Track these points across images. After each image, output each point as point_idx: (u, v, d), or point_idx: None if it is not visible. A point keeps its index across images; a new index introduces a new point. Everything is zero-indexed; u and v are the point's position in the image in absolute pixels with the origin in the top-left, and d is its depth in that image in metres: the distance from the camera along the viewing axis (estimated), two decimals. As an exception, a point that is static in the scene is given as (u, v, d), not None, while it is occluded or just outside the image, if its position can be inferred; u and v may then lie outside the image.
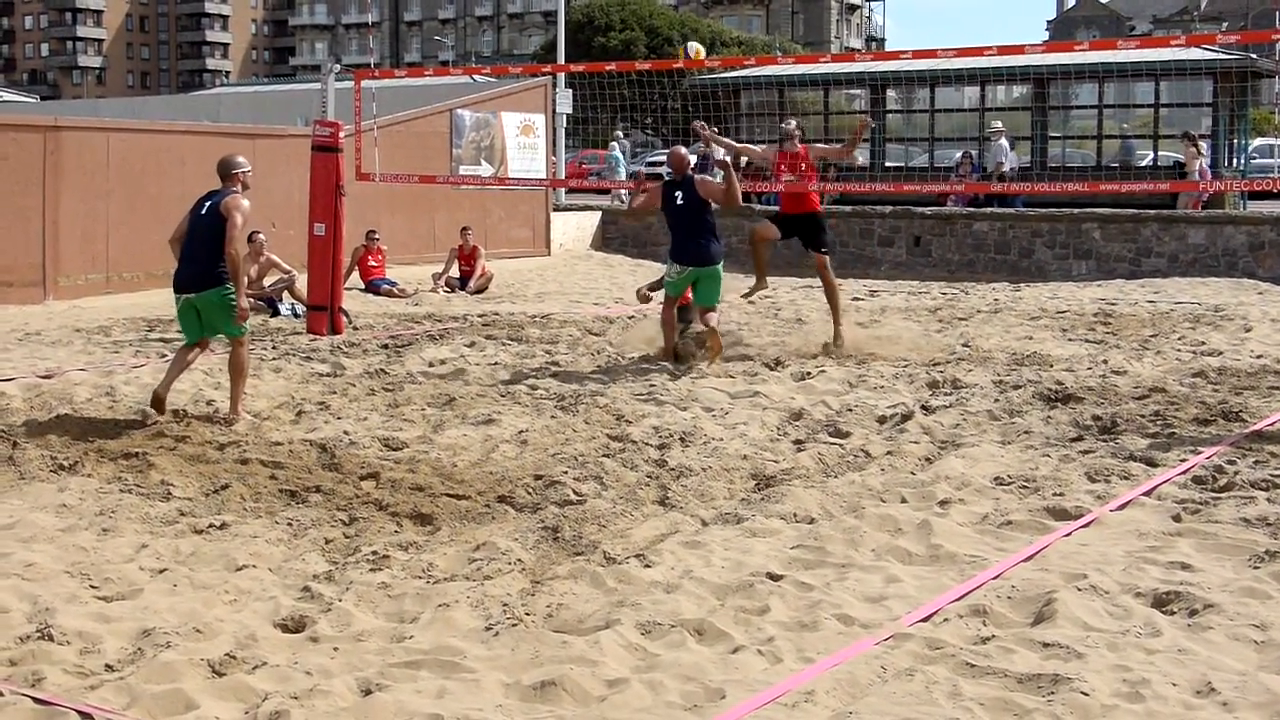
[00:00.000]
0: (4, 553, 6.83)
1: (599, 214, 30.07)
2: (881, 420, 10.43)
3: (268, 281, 18.29)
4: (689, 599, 6.10)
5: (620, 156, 35.48)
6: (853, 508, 7.80)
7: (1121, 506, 7.76)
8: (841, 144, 15.29)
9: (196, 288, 10.42)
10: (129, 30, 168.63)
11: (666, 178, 14.02)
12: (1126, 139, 32.71)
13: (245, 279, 17.73)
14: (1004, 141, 29.77)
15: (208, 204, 10.49)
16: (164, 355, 13.35)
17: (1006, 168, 29.31)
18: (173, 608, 6.07)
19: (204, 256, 10.41)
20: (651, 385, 11.85)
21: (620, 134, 36.25)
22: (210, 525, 7.44)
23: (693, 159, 14.20)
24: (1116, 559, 6.67)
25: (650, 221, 25.55)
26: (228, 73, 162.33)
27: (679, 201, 13.23)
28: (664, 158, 35.66)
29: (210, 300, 10.47)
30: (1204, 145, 28.38)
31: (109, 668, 5.37)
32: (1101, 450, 9.20)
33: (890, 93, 33.66)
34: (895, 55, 22.09)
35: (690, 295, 13.44)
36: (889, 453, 9.22)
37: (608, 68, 20.88)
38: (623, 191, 31.51)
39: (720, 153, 14.80)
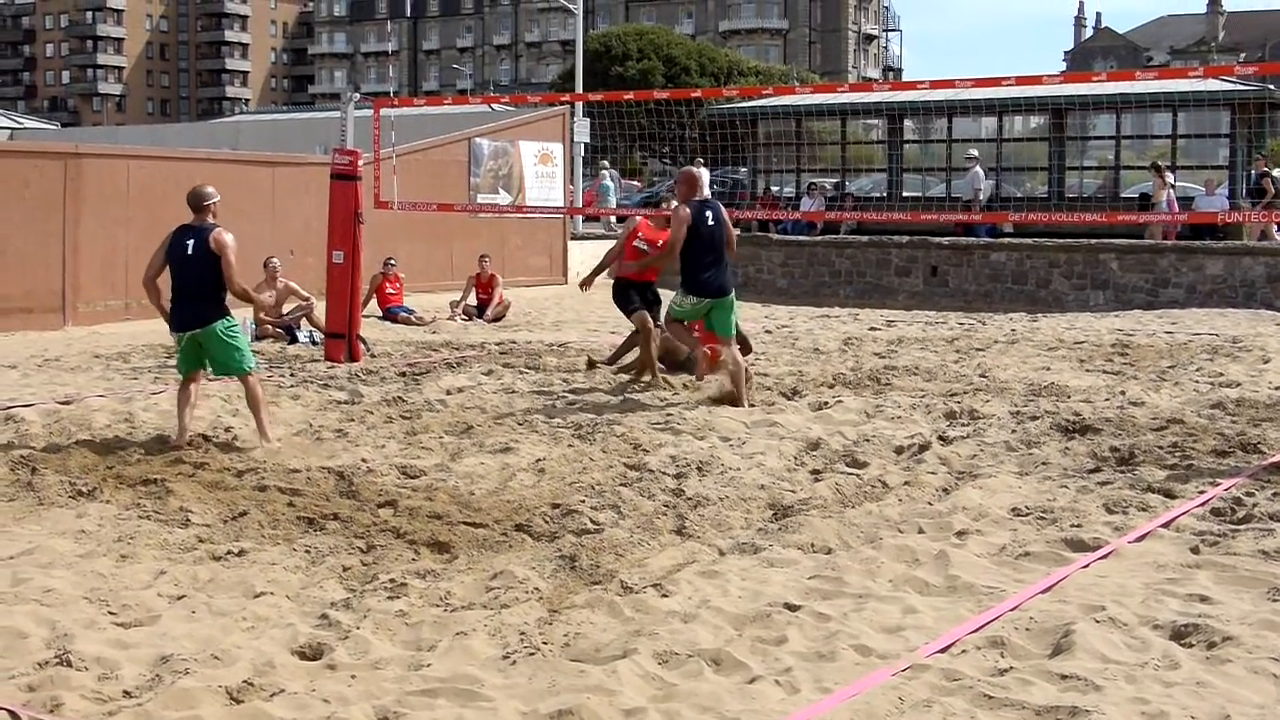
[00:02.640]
0: (23, 578, 6.85)
1: (613, 243, 30.10)
2: (899, 451, 10.42)
3: (286, 309, 18.36)
4: (706, 629, 6.10)
5: (611, 185, 35.55)
6: (870, 538, 7.79)
7: (1140, 538, 7.74)
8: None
9: (200, 324, 10.52)
10: (149, 58, 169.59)
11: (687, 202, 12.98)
12: (1117, 169, 32.63)
13: (263, 304, 17.99)
14: (979, 169, 29.84)
15: (190, 242, 10.51)
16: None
17: (983, 195, 29.40)
18: (191, 634, 6.07)
19: (202, 294, 10.53)
20: (668, 415, 11.85)
21: (607, 163, 36.29)
22: (228, 552, 7.45)
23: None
24: (1135, 591, 6.66)
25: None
26: (247, 100, 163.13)
27: (710, 221, 12.55)
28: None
29: (214, 334, 10.59)
30: (1171, 176, 28.26)
31: (127, 694, 5.38)
32: (1119, 482, 9.19)
33: (907, 122, 33.68)
34: (913, 85, 22.20)
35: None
36: (906, 483, 9.22)
37: (626, 96, 20.97)
38: (612, 218, 31.58)
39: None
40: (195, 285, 10.49)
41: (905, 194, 32.09)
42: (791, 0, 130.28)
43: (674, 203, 13.49)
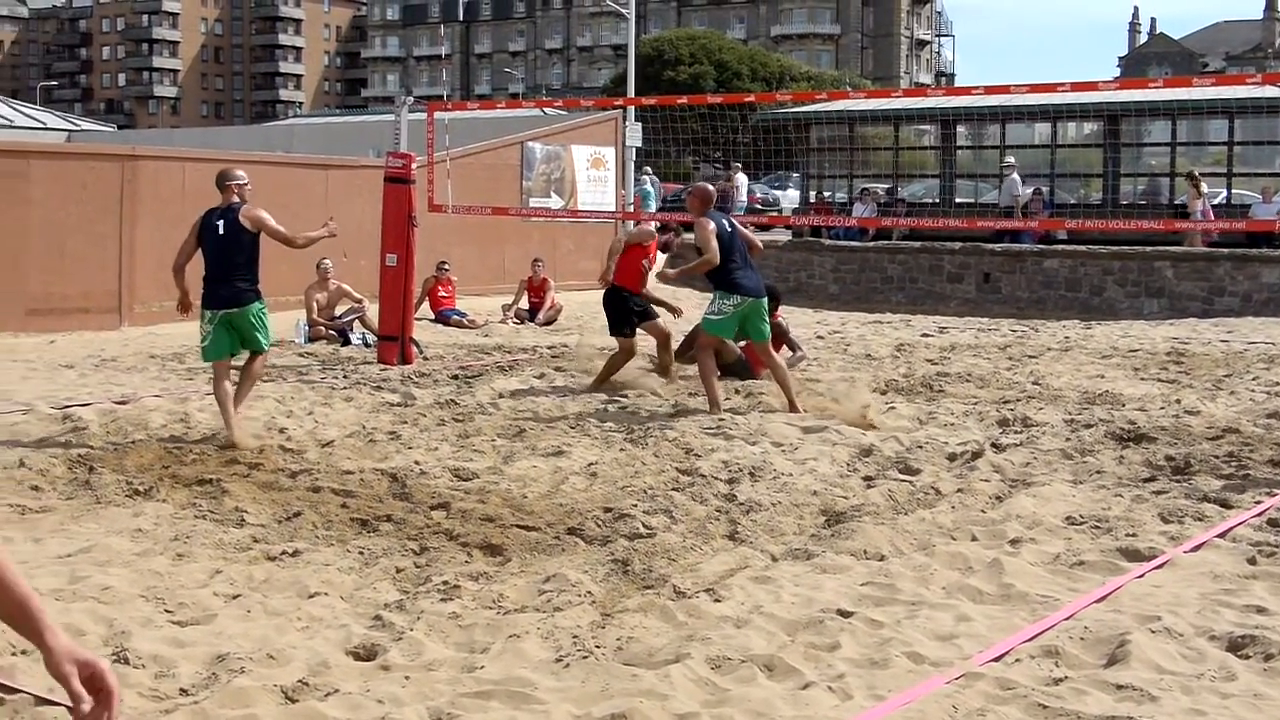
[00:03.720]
0: (81, 576, 6.91)
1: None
2: (952, 458, 10.38)
3: (339, 310, 18.46)
4: (759, 634, 6.09)
5: (652, 190, 35.56)
6: (923, 545, 7.77)
7: (1195, 548, 7.68)
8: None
9: (237, 304, 10.83)
10: (204, 61, 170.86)
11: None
12: (1172, 176, 32.42)
13: (314, 305, 18.12)
14: (1016, 176, 29.72)
15: (219, 222, 10.79)
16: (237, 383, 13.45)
17: (1022, 202, 29.30)
18: (246, 633, 6.11)
19: (238, 274, 10.86)
20: (721, 419, 11.84)
21: (649, 169, 36.30)
22: (283, 552, 7.49)
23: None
24: (1190, 601, 6.61)
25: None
26: (300, 103, 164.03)
27: (729, 227, 12.74)
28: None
29: (249, 314, 10.93)
30: (1205, 185, 28.00)
31: (183, 692, 5.42)
32: (1175, 491, 9.12)
33: (960, 128, 33.55)
34: (967, 91, 22.09)
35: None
36: (959, 490, 9.18)
37: (680, 101, 21.01)
38: (653, 224, 31.56)
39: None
40: (228, 265, 10.80)
41: (958, 200, 31.96)
42: (844, 5, 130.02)
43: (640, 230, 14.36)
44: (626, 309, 14.08)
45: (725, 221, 12.88)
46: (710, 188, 13.37)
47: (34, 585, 6.51)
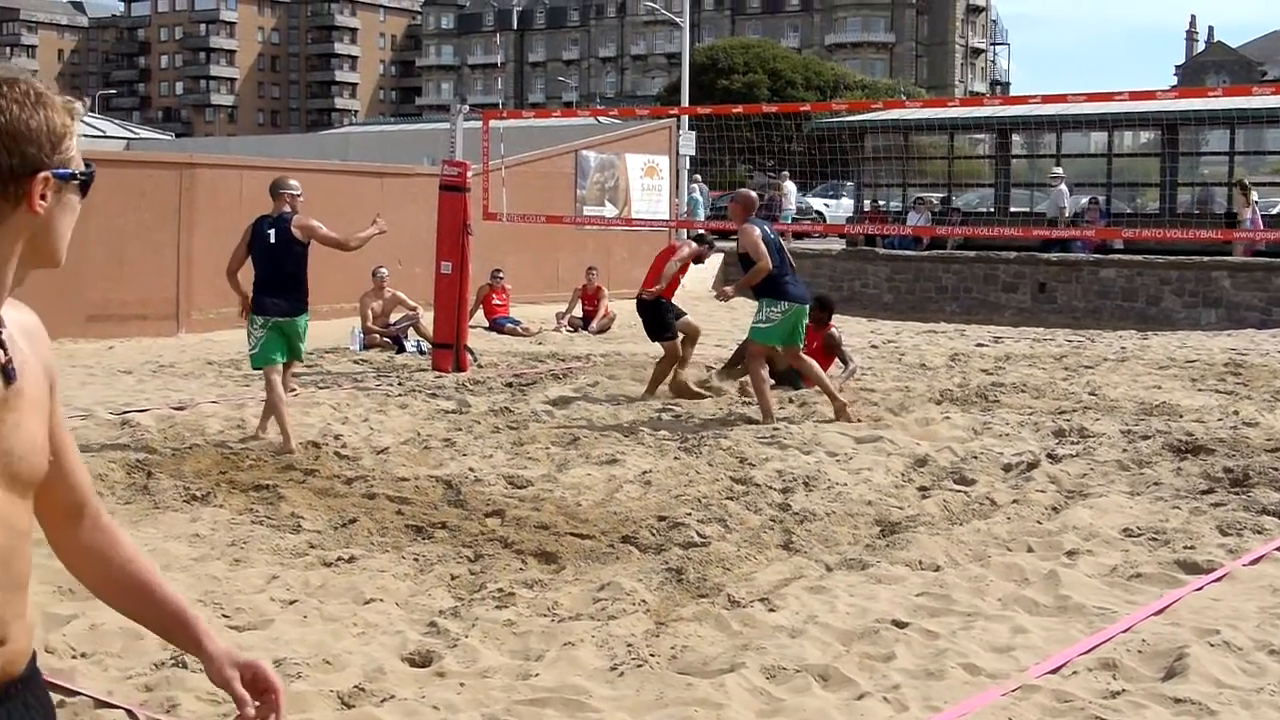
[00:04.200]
0: (139, 581, 6.95)
1: (720, 257, 30.09)
2: (1007, 468, 10.33)
3: (393, 318, 18.54)
4: (814, 644, 6.08)
5: (700, 199, 35.55)
6: (978, 556, 7.73)
7: (1254, 561, 7.62)
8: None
9: (292, 313, 11.04)
10: (260, 70, 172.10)
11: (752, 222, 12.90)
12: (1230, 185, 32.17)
13: (369, 312, 18.21)
14: (1063, 187, 29.55)
15: (270, 231, 10.94)
16: (294, 390, 13.55)
17: (1068, 213, 29.12)
18: (302, 638, 6.15)
19: (289, 282, 11.04)
20: (775, 428, 11.83)
21: (698, 177, 36.25)
22: (339, 558, 7.54)
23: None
24: (1249, 615, 6.55)
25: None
26: (355, 112, 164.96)
27: (771, 234, 12.83)
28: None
29: (301, 324, 11.16)
30: (1255, 194, 27.75)
31: (243, 696, 5.44)
32: (1233, 503, 9.04)
33: (1015, 137, 33.40)
34: (1024, 100, 22.01)
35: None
36: (1015, 501, 9.13)
37: (735, 110, 21.03)
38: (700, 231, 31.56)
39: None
40: (280, 273, 10.98)
41: (1012, 209, 31.81)
42: (898, 14, 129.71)
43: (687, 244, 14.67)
44: (664, 313, 14.15)
45: (767, 227, 12.93)
46: (753, 194, 13.36)
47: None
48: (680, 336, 14.30)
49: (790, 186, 35.88)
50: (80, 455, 2.45)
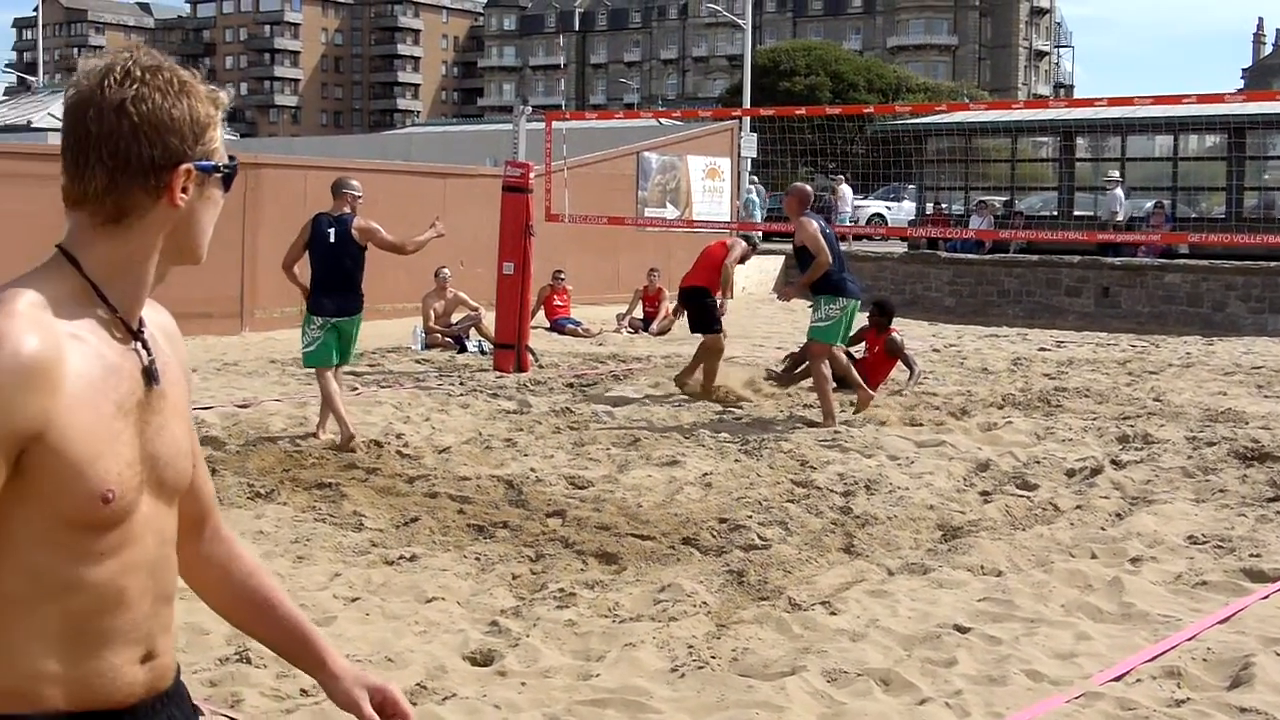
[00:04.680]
0: (204, 577, 7.01)
1: (782, 258, 30.05)
2: (1070, 474, 10.26)
3: (455, 318, 18.62)
4: (875, 648, 6.06)
5: (756, 200, 35.44)
6: (1041, 562, 7.69)
7: (1322, 570, 7.54)
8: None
9: (350, 313, 11.10)
10: (324, 71, 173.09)
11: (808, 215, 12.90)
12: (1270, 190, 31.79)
13: (431, 312, 18.30)
14: (1119, 191, 29.29)
15: (331, 230, 10.99)
16: (355, 389, 13.63)
17: (1120, 217, 28.83)
18: (364, 636, 6.19)
19: (349, 283, 11.13)
20: (836, 432, 11.80)
21: (755, 178, 36.12)
22: (400, 557, 7.57)
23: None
24: (1317, 624, 6.48)
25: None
26: (417, 113, 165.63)
27: (827, 229, 12.79)
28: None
29: (356, 325, 11.24)
30: None
31: (304, 692, 5.49)
32: (1301, 511, 8.94)
33: (1080, 140, 33.15)
34: (1089, 103, 21.81)
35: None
36: (1078, 507, 9.07)
37: (798, 112, 20.99)
38: (757, 234, 31.53)
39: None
40: (340, 273, 11.06)
41: (1076, 213, 31.58)
42: (961, 16, 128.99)
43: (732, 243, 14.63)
44: (713, 307, 14.15)
45: (823, 222, 12.89)
46: (807, 187, 13.28)
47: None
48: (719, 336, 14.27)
49: (846, 189, 35.76)
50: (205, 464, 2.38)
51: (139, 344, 2.12)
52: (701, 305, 14.27)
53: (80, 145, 2.05)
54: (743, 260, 15.12)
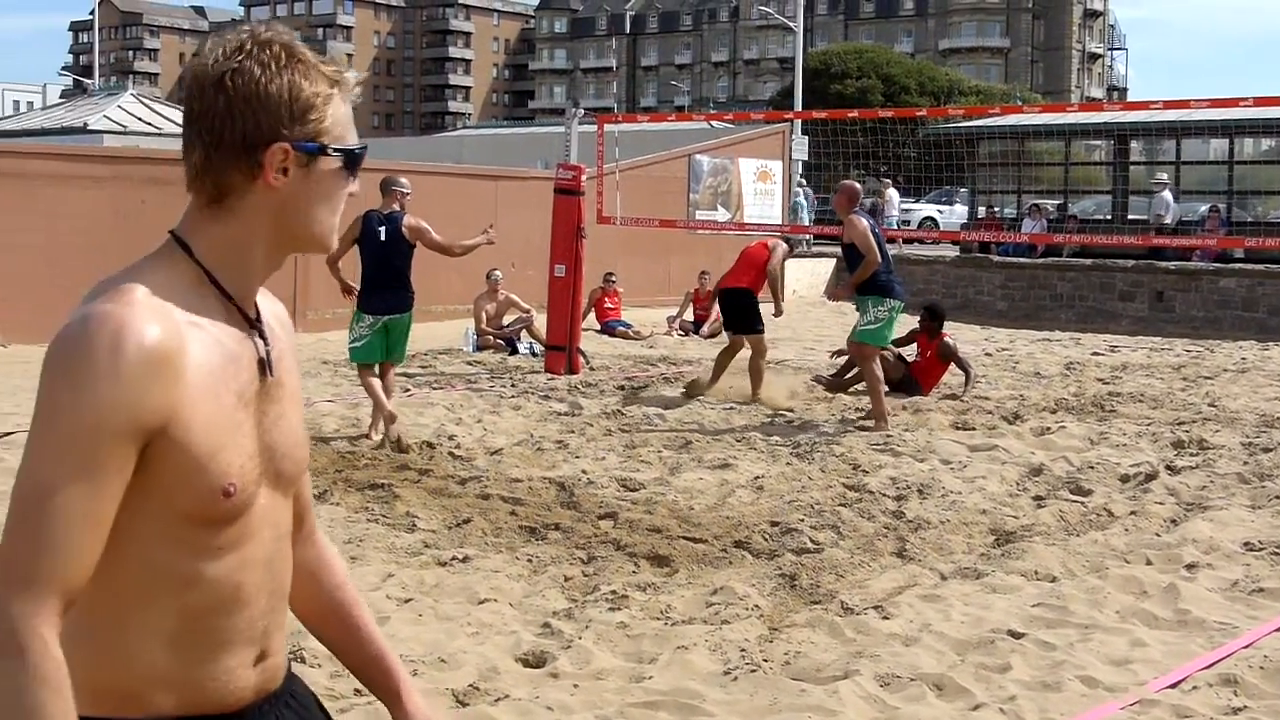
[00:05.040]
0: (258, 576, 7.05)
1: (833, 261, 29.97)
2: (1124, 479, 10.18)
3: (507, 320, 18.67)
4: (928, 653, 6.04)
5: (804, 203, 35.36)
6: (1095, 568, 7.64)
7: (1381, 578, 7.46)
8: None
9: (399, 310, 11.16)
10: (375, 73, 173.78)
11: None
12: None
13: (483, 314, 18.35)
14: (1167, 194, 29.05)
15: (381, 229, 11.05)
16: (408, 391, 13.68)
17: (1168, 219, 28.59)
18: (417, 637, 6.21)
19: (398, 280, 11.24)
20: (888, 435, 11.76)
21: (803, 180, 36.02)
22: (453, 558, 7.60)
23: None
24: (1377, 632, 6.41)
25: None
26: (468, 115, 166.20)
27: (876, 229, 12.73)
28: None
29: (406, 321, 11.31)
30: None
31: (358, 692, 5.50)
32: (1359, 518, 8.85)
33: (1134, 144, 32.92)
34: (1144, 105, 21.62)
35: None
36: (1133, 513, 9.00)
37: (851, 115, 20.93)
38: (806, 237, 31.49)
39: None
40: (390, 271, 11.14)
41: (1130, 217, 31.36)
42: (1014, 19, 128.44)
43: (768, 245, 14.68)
44: (756, 307, 14.11)
45: (872, 220, 12.85)
46: (856, 185, 13.18)
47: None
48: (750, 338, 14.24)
49: (893, 193, 35.67)
50: None
51: (255, 332, 2.08)
52: (745, 305, 14.21)
53: (186, 122, 2.02)
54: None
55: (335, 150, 2.05)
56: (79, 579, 1.85)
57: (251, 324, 2.07)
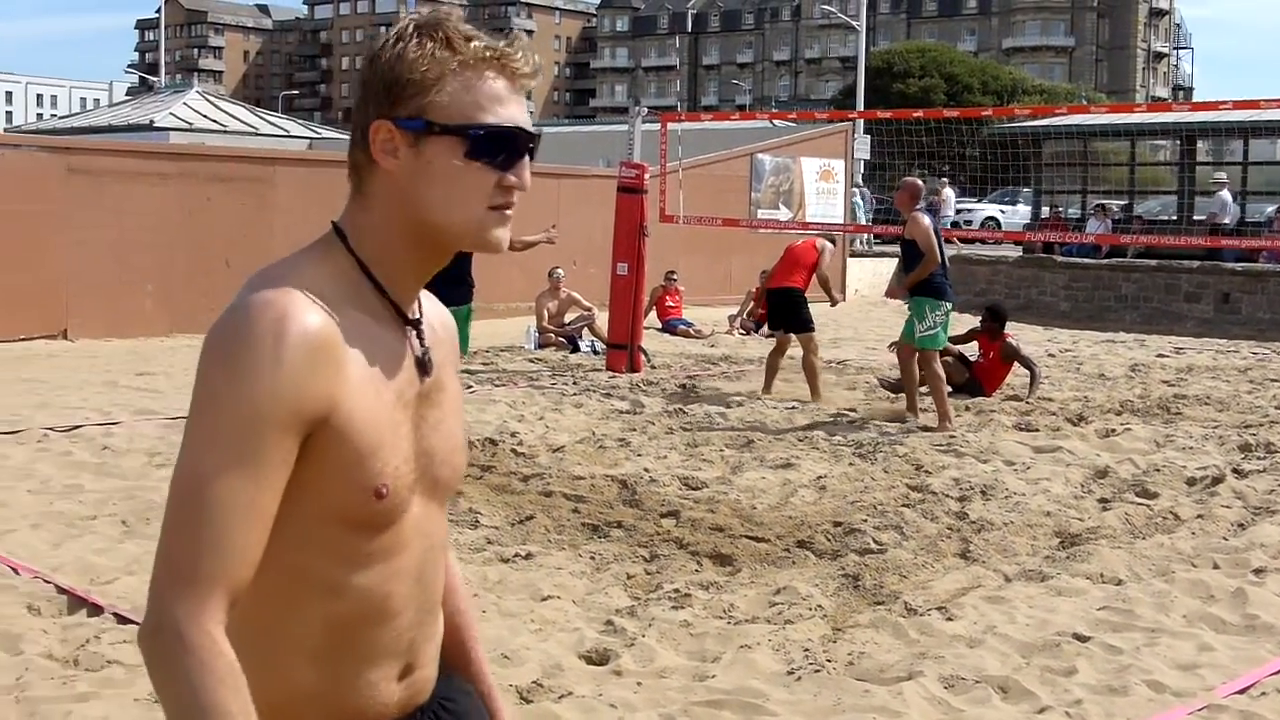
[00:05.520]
0: (325, 571, 7.10)
1: (894, 261, 29.83)
2: (1190, 482, 10.09)
3: (568, 318, 18.71)
4: (993, 655, 6.01)
5: (861, 203, 35.21)
6: (1162, 571, 7.58)
7: None
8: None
9: (455, 302, 11.35)
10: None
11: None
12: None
13: (545, 312, 18.40)
14: (1225, 194, 28.75)
15: None
16: (470, 388, 13.74)
17: (1226, 220, 28.30)
18: (481, 633, 6.21)
19: (459, 276, 11.52)
20: (951, 436, 11.71)
21: (859, 180, 35.87)
22: (516, 555, 7.62)
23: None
24: None
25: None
26: (530, 113, 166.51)
27: (936, 227, 12.66)
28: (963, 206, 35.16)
29: (462, 314, 11.58)
30: None
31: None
32: None
33: (1200, 144, 32.63)
34: (1213, 106, 21.41)
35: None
36: (1199, 516, 8.92)
37: (916, 114, 20.85)
38: (866, 235, 31.40)
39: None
40: (449, 265, 11.10)
41: (1196, 217, 31.08)
42: (1078, 17, 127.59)
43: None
44: (806, 305, 14.12)
45: (934, 219, 12.79)
46: (919, 182, 13.11)
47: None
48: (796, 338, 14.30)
49: (949, 192, 35.54)
50: None
51: (414, 331, 2.01)
52: (795, 303, 14.17)
53: None
54: None
55: (444, 128, 1.92)
56: (243, 576, 1.79)
57: (408, 320, 2.00)
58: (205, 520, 1.76)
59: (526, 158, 1.99)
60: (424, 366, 1.98)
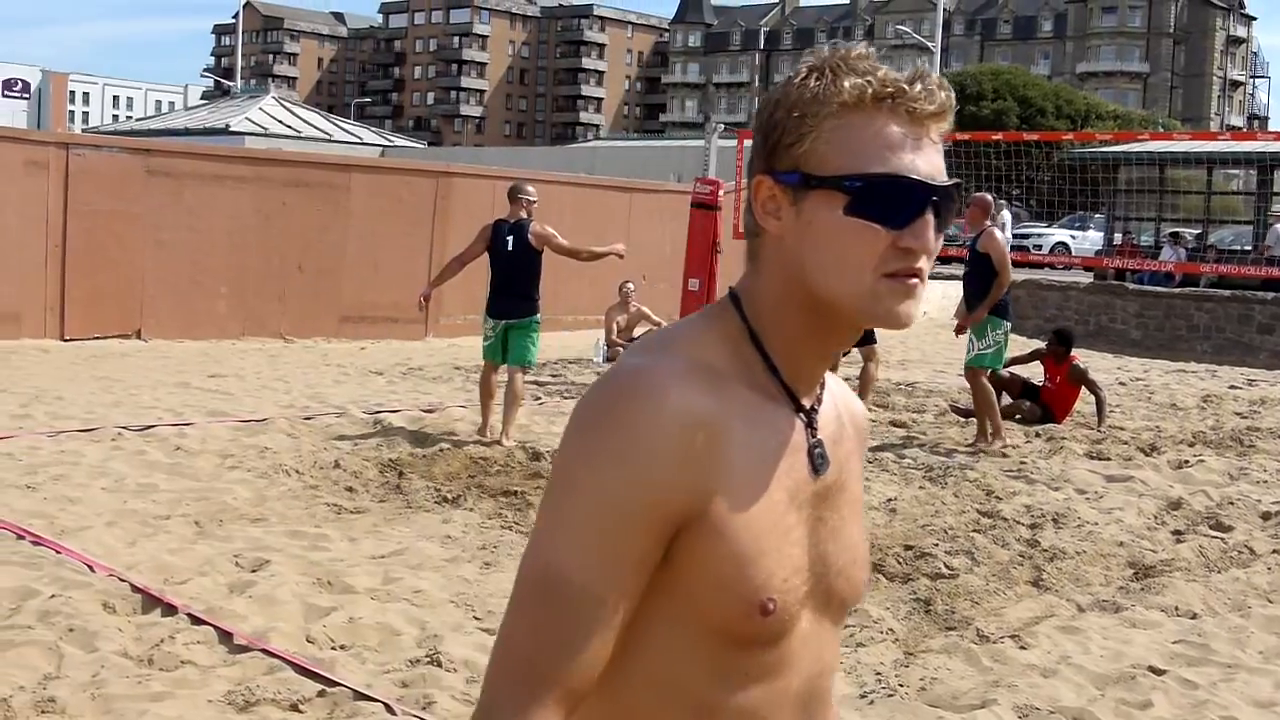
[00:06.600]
0: (394, 578, 7.14)
1: (959, 283, 29.67)
2: (1266, 516, 9.95)
3: (638, 332, 18.71)
4: (1067, 685, 5.96)
5: None
6: (1237, 605, 7.49)
7: None
8: None
9: (517, 315, 11.44)
10: (509, 83, 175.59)
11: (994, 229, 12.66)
12: None
13: (614, 325, 18.42)
14: (1279, 227, 28.43)
15: (510, 238, 11.32)
16: (539, 399, 13.77)
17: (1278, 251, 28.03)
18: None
19: (520, 289, 11.45)
20: (1022, 462, 11.62)
21: None
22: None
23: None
24: None
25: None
26: (598, 126, 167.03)
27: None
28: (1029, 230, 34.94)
29: (523, 327, 11.49)
30: None
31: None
32: None
33: (1277, 174, 32.31)
34: (1291, 136, 21.17)
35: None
36: (1275, 551, 8.80)
37: (995, 137, 20.76)
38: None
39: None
40: (513, 279, 11.44)
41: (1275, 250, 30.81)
42: (1154, 44, 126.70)
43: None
44: None
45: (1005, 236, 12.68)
46: (989, 197, 13.01)
47: (351, 584, 6.72)
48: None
49: (1007, 215, 35.39)
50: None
51: (805, 419, 1.72)
52: None
53: None
54: None
55: (820, 180, 1.65)
56: (583, 680, 1.60)
57: (799, 407, 1.72)
58: (546, 617, 1.60)
59: (930, 214, 1.67)
60: (815, 460, 1.71)
